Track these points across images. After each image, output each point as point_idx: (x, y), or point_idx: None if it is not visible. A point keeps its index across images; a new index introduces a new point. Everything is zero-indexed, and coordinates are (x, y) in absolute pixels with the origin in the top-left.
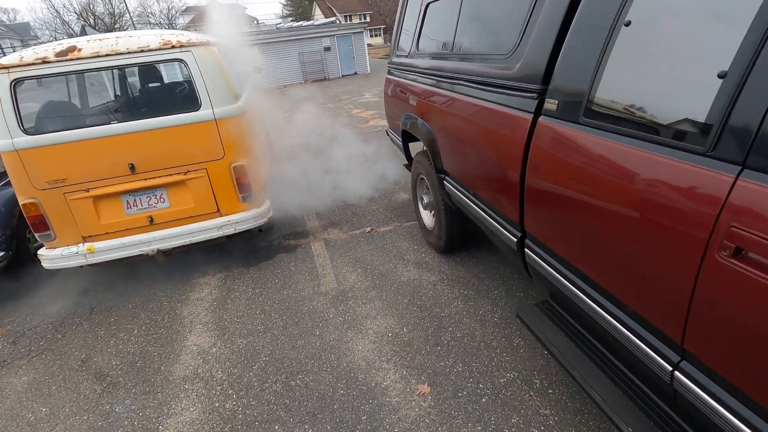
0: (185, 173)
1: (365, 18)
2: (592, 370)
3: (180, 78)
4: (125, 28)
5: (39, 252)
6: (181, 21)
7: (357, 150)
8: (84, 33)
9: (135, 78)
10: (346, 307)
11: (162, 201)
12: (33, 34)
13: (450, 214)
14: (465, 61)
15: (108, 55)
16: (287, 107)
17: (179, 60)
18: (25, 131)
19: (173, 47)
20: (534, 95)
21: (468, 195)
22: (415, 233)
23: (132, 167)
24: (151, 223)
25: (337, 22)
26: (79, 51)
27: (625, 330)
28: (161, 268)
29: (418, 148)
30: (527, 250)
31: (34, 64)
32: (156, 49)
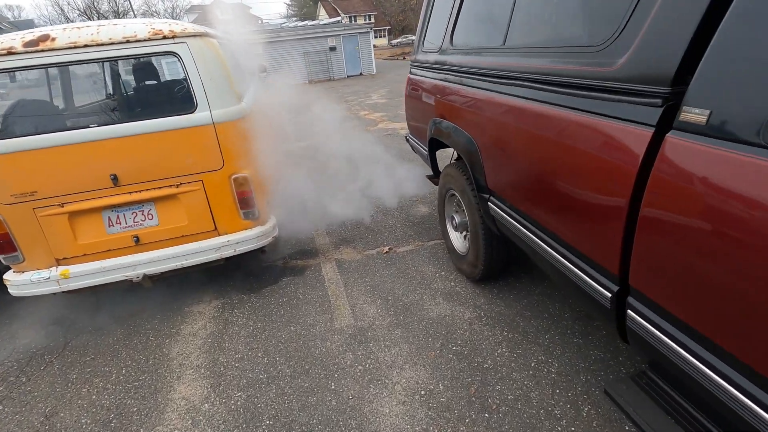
0: (177, 186)
1: (370, 19)
2: None
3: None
4: None
5: (5, 276)
6: (186, 20)
7: (367, 155)
8: None
9: (124, 74)
10: (366, 352)
11: (150, 218)
12: None
13: (491, 240)
14: (527, 57)
15: (87, 46)
16: (290, 108)
17: (172, 53)
18: None
19: (165, 38)
20: (657, 101)
21: (529, 226)
22: (441, 255)
23: (114, 179)
24: (137, 244)
25: (342, 22)
26: (53, 41)
27: None
28: (149, 291)
29: (445, 157)
30: (630, 311)
31: None
32: (144, 40)
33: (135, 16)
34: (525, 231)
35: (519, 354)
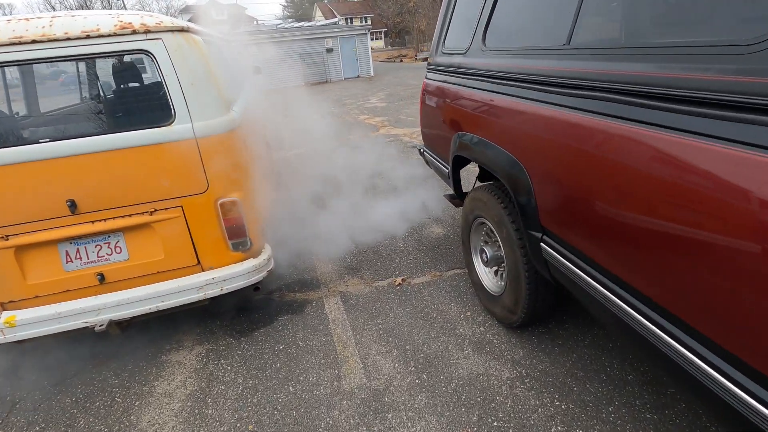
0: (152, 213)
1: (366, 21)
2: None
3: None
4: None
5: None
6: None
7: (370, 166)
8: None
9: (88, 77)
10: (384, 427)
11: (118, 251)
12: None
13: (538, 285)
14: (610, 61)
15: (36, 42)
16: (287, 111)
17: (144, 52)
18: None
19: (135, 33)
20: None
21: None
22: (464, 289)
23: (72, 205)
24: (102, 283)
25: (339, 23)
26: None
27: None
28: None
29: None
30: None
31: None
32: (109, 35)
33: None
34: (608, 294)
35: None
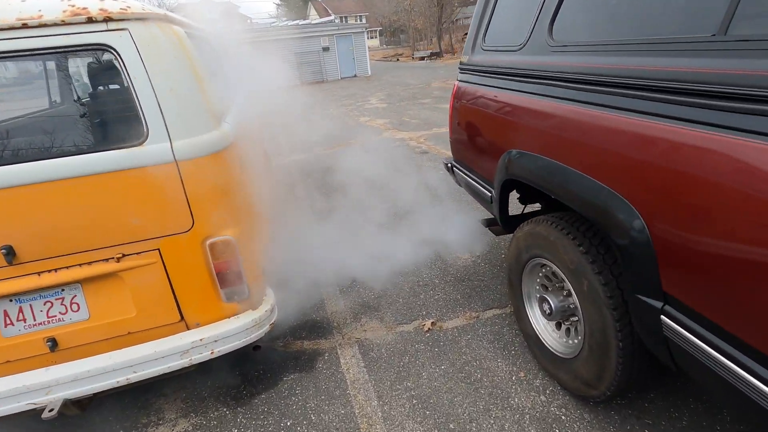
0: (119, 259)
1: (362, 20)
2: None
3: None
4: None
5: None
6: None
7: (377, 175)
8: None
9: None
10: None
11: (74, 309)
12: None
13: (635, 357)
14: None
15: None
16: (284, 113)
17: (103, 47)
18: None
19: (91, 21)
20: None
21: None
22: (508, 337)
23: (9, 253)
24: (54, 350)
25: (335, 22)
26: None
27: None
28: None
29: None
30: None
31: None
32: (55, 25)
33: None
34: None
35: None
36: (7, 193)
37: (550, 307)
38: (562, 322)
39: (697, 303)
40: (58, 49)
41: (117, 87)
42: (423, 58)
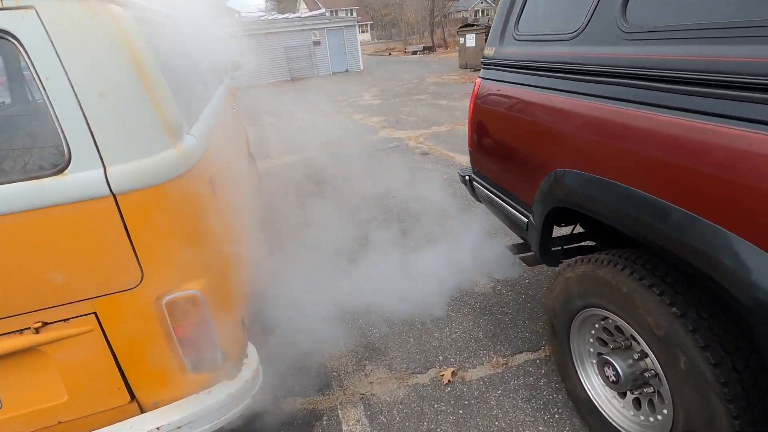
0: (38, 329)
1: (352, 13)
2: None
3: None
4: None
5: None
6: None
7: (375, 180)
8: None
9: None
10: None
11: None
12: None
13: None
14: None
15: None
16: (273, 110)
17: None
18: None
19: None
20: None
21: None
22: (548, 395)
23: None
24: None
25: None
26: None
27: None
28: None
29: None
30: None
31: None
32: None
33: None
34: None
35: None
36: None
37: (616, 374)
38: (630, 390)
39: None
40: None
41: (22, 90)
42: (416, 52)
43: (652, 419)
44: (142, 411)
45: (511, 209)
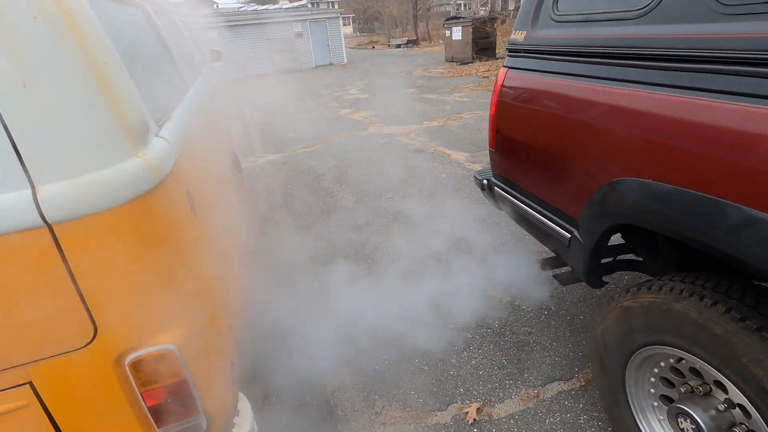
0: None
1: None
2: None
3: None
4: None
5: None
6: None
7: (370, 181)
8: None
9: None
10: None
11: None
12: None
13: None
14: None
15: None
16: (254, 104)
17: None
18: None
19: None
20: None
21: None
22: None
23: None
24: None
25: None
26: None
27: None
28: None
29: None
30: None
31: None
32: None
33: None
34: None
35: None
36: None
37: (696, 429)
38: None
39: None
40: None
41: None
42: (399, 45)
43: None
44: None
45: (548, 222)
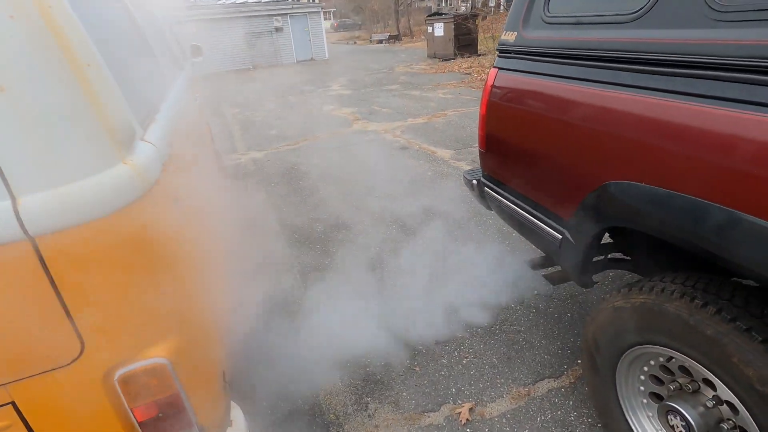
0: None
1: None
2: None
3: None
4: None
5: None
6: None
7: (356, 180)
8: None
9: None
10: None
11: None
12: None
13: None
14: None
15: None
16: (235, 100)
17: None
18: None
19: None
20: None
21: None
22: (577, 426)
23: None
24: None
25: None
26: None
27: None
28: None
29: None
30: None
31: None
32: None
33: None
34: None
35: None
36: None
37: (686, 425)
38: None
39: None
40: None
41: None
42: (381, 41)
43: None
44: None
45: (539, 223)
